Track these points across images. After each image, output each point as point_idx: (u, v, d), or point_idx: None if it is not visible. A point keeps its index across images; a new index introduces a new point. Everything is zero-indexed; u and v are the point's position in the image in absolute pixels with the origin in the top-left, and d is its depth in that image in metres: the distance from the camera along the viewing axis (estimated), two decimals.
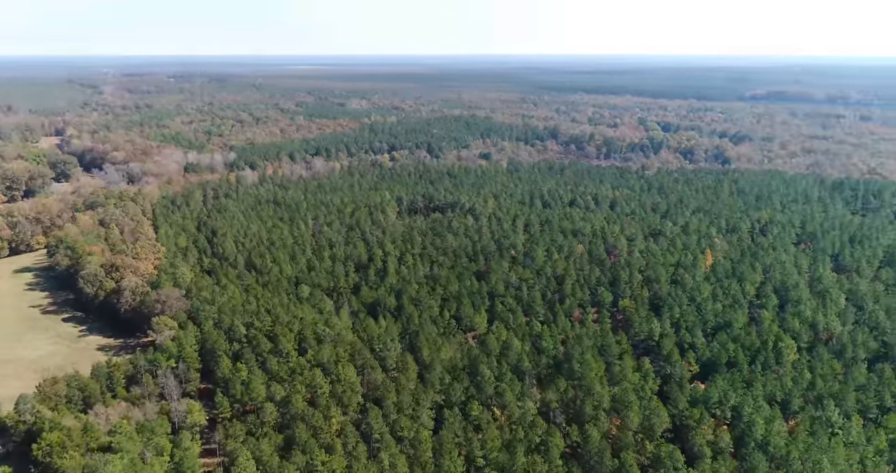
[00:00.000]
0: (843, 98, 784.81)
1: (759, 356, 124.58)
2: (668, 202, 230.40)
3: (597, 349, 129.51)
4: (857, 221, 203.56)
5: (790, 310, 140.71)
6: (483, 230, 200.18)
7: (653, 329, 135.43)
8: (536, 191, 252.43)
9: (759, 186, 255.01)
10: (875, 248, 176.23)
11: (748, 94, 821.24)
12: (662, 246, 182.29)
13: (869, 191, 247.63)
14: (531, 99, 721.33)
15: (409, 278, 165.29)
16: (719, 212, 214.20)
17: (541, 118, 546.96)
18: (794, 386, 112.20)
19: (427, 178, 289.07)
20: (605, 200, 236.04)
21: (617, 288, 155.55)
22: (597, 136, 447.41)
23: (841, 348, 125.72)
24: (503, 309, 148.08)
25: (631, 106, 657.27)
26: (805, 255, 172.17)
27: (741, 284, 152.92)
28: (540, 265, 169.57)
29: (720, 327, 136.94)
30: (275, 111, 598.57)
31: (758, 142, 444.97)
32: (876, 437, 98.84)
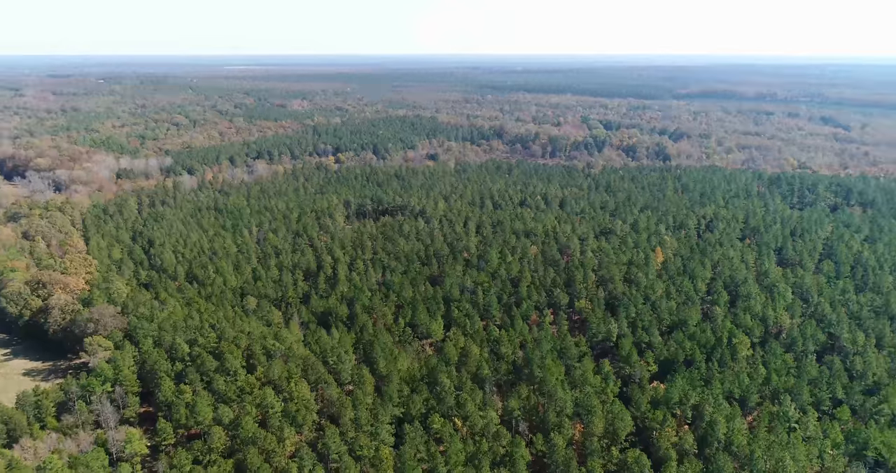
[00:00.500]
0: (770, 96, 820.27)
1: (714, 352, 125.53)
2: (616, 200, 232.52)
3: (556, 352, 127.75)
4: (796, 215, 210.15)
5: (741, 306, 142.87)
6: (435, 233, 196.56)
7: (610, 329, 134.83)
8: (486, 191, 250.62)
9: (702, 183, 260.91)
10: (815, 241, 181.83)
11: (683, 92, 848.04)
12: (614, 244, 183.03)
13: (804, 185, 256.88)
14: (475, 98, 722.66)
15: (360, 285, 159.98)
16: (666, 209, 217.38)
17: (486, 118, 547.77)
18: (750, 382, 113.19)
19: (375, 181, 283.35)
20: (555, 200, 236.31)
21: (572, 288, 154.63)
22: (541, 135, 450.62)
23: (791, 341, 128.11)
24: (459, 314, 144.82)
25: (573, 105, 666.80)
26: (751, 250, 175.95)
27: (693, 281, 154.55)
28: (494, 268, 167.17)
29: (676, 325, 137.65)
30: (213, 113, 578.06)
31: (695, 138, 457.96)
32: (831, 430, 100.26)
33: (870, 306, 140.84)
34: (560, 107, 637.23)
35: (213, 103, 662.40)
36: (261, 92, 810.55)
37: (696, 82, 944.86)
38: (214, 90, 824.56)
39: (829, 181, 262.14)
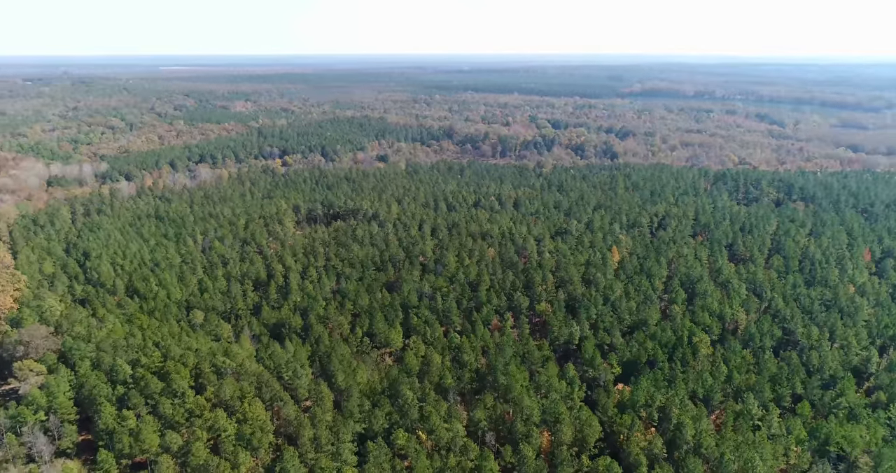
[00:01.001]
0: (709, 94, 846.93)
1: (676, 352, 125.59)
2: (569, 199, 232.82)
3: (519, 358, 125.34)
4: (744, 211, 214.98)
5: (698, 303, 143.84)
6: (389, 237, 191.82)
7: (572, 332, 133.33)
8: (439, 193, 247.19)
9: (651, 180, 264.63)
10: (763, 236, 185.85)
11: (626, 92, 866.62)
12: (570, 244, 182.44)
13: (748, 181, 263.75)
14: (423, 99, 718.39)
15: (314, 294, 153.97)
16: (619, 207, 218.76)
17: (435, 118, 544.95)
18: (713, 381, 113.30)
19: (324, 184, 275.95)
20: (509, 200, 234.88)
21: (532, 291, 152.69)
22: (491, 135, 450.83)
23: (749, 338, 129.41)
24: (418, 321, 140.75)
25: (520, 104, 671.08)
26: (703, 247, 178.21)
27: (650, 280, 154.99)
28: (452, 272, 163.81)
29: (636, 325, 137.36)
30: (151, 116, 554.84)
31: (641, 136, 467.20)
32: (794, 427, 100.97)
33: (820, 300, 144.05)
34: (508, 107, 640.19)
35: (150, 105, 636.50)
36: (202, 93, 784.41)
37: (639, 81, 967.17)
38: (152, 92, 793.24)
39: (772, 177, 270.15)
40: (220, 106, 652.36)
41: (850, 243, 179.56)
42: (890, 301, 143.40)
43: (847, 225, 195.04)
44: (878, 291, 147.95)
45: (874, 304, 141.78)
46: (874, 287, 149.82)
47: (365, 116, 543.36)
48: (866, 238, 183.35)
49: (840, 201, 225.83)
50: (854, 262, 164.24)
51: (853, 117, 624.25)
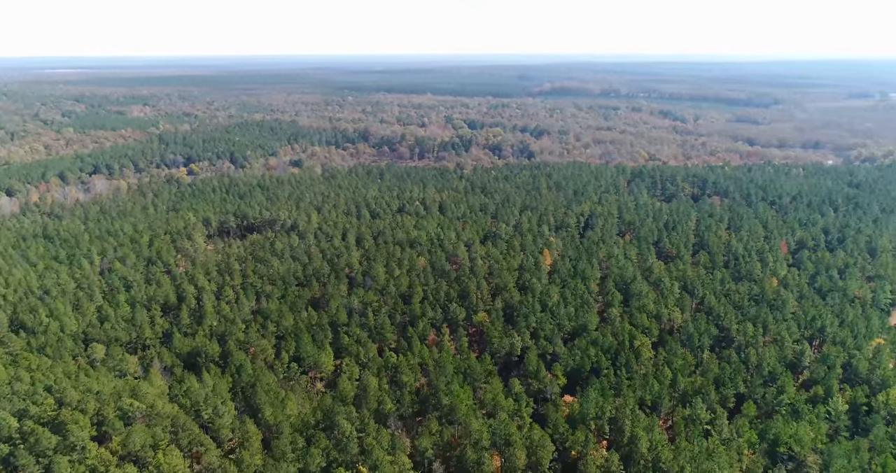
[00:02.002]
0: (614, 92, 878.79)
1: (619, 357, 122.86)
2: (494, 202, 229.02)
3: (461, 375, 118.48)
4: (665, 208, 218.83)
5: (635, 305, 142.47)
6: (311, 249, 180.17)
7: (514, 343, 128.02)
8: (361, 199, 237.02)
9: (572, 179, 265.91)
10: (686, 233, 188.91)
11: (536, 91, 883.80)
12: (501, 249, 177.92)
13: (664, 177, 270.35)
14: (335, 100, 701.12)
15: (232, 317, 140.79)
16: (545, 208, 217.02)
17: (349, 120, 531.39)
18: (660, 387, 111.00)
19: (236, 193, 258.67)
20: (434, 204, 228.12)
21: (468, 301, 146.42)
22: (408, 137, 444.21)
23: (687, 338, 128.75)
24: (350, 341, 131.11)
25: (434, 105, 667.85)
26: (632, 246, 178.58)
27: (585, 283, 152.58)
28: (382, 284, 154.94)
29: (576, 332, 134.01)
30: (35, 123, 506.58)
31: (555, 135, 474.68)
32: (743, 429, 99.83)
33: (748, 294, 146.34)
34: (423, 108, 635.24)
35: (34, 111, 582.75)
36: (93, 98, 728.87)
37: (548, 81, 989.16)
38: (35, 97, 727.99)
39: (685, 172, 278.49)
40: (114, 111, 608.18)
41: (767, 236, 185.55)
42: (812, 292, 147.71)
43: (761, 218, 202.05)
44: (800, 283, 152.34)
45: (798, 296, 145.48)
46: (795, 279, 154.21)
47: (275, 119, 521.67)
48: (780, 230, 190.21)
49: (751, 194, 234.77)
50: (774, 255, 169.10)
51: (746, 112, 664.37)
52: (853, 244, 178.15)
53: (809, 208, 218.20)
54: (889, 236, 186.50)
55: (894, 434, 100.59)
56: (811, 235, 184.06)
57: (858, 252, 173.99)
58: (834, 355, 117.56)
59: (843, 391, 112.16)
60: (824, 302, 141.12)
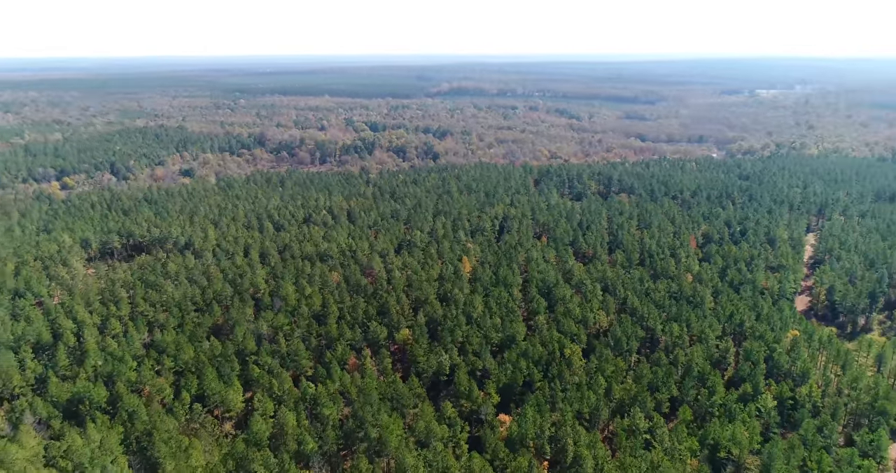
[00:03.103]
0: (511, 91, 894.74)
1: (550, 368, 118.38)
2: (406, 207, 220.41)
3: (388, 401, 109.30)
4: (577, 207, 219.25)
5: (559, 310, 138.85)
6: (210, 269, 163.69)
7: (441, 361, 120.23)
8: (262, 210, 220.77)
9: (482, 181, 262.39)
10: (601, 231, 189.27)
11: (435, 91, 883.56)
12: (418, 258, 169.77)
13: (570, 175, 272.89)
14: (226, 104, 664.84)
15: (120, 353, 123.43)
16: (458, 212, 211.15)
17: (242, 124, 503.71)
18: (596, 398, 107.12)
19: (119, 209, 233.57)
20: (342, 213, 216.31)
21: (388, 317, 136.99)
22: (308, 141, 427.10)
23: (616, 342, 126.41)
24: (260, 371, 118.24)
25: (333, 107, 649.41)
26: (550, 248, 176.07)
27: (508, 290, 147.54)
28: (293, 304, 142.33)
29: (505, 343, 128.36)
30: None
31: (458, 135, 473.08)
32: (681, 435, 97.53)
33: (667, 292, 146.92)
34: (321, 110, 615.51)
35: None
36: None
37: (446, 81, 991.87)
38: None
39: (591, 170, 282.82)
40: None
41: (676, 231, 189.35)
42: (726, 286, 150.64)
43: (668, 213, 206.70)
44: (713, 277, 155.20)
45: (713, 291, 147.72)
46: (708, 273, 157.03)
47: (161, 126, 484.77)
48: (687, 225, 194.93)
49: (655, 190, 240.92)
50: (685, 250, 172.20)
51: (634, 109, 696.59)
52: (754, 236, 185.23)
53: (710, 202, 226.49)
54: (784, 226, 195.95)
55: (821, 426, 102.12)
56: (716, 229, 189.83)
57: (760, 243, 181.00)
58: (756, 350, 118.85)
59: (768, 386, 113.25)
60: (739, 296, 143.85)
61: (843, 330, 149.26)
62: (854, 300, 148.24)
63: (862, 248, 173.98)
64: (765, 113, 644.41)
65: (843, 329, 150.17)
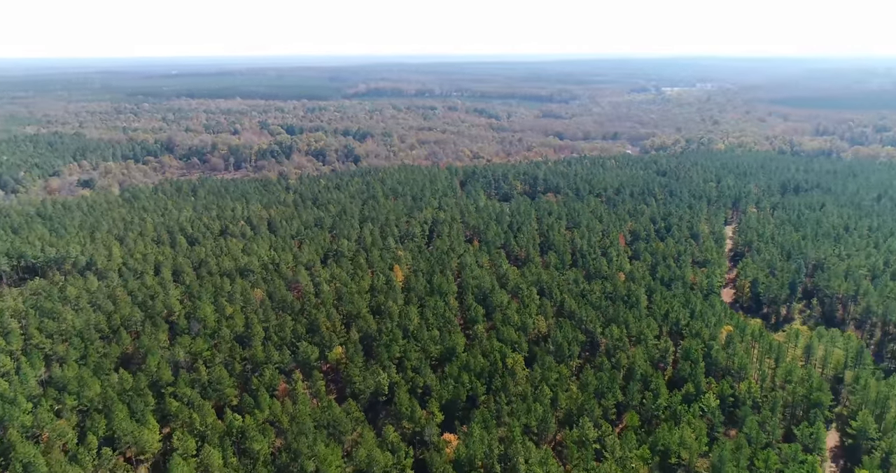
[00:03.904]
0: (429, 91, 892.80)
1: (493, 380, 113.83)
2: (330, 214, 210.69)
3: (324, 429, 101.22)
4: (506, 208, 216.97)
5: (498, 318, 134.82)
6: (116, 292, 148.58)
7: (379, 381, 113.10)
8: (173, 222, 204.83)
9: (408, 184, 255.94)
10: (531, 233, 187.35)
11: (352, 92, 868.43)
12: (347, 269, 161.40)
13: (496, 176, 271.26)
14: (129, 108, 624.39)
15: (11, 394, 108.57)
16: (385, 218, 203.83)
17: (148, 130, 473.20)
18: (542, 409, 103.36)
19: (8, 226, 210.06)
20: (262, 222, 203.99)
21: (318, 335, 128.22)
22: (220, 146, 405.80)
23: (557, 347, 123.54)
24: (179, 405, 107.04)
25: (245, 110, 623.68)
26: (482, 253, 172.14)
27: (444, 299, 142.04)
28: (212, 327, 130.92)
29: (445, 356, 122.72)
30: None
31: (379, 137, 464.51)
32: (630, 442, 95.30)
33: (603, 292, 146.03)
34: (233, 113, 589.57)
35: None
36: None
37: (363, 81, 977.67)
38: None
39: (516, 170, 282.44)
40: None
41: (605, 230, 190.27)
42: (658, 284, 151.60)
43: (595, 212, 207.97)
44: (644, 275, 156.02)
45: (647, 290, 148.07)
46: (640, 271, 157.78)
47: (55, 133, 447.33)
48: (614, 223, 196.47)
49: (580, 189, 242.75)
50: (616, 249, 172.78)
51: (550, 108, 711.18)
52: (679, 231, 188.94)
53: (633, 199, 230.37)
54: (705, 221, 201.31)
55: (762, 422, 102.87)
56: (642, 226, 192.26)
57: (685, 238, 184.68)
58: (694, 349, 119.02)
59: (710, 385, 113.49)
60: (672, 294, 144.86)
61: (767, 321, 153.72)
62: (777, 291, 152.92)
63: (779, 240, 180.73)
64: (672, 110, 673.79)
65: (767, 320, 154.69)
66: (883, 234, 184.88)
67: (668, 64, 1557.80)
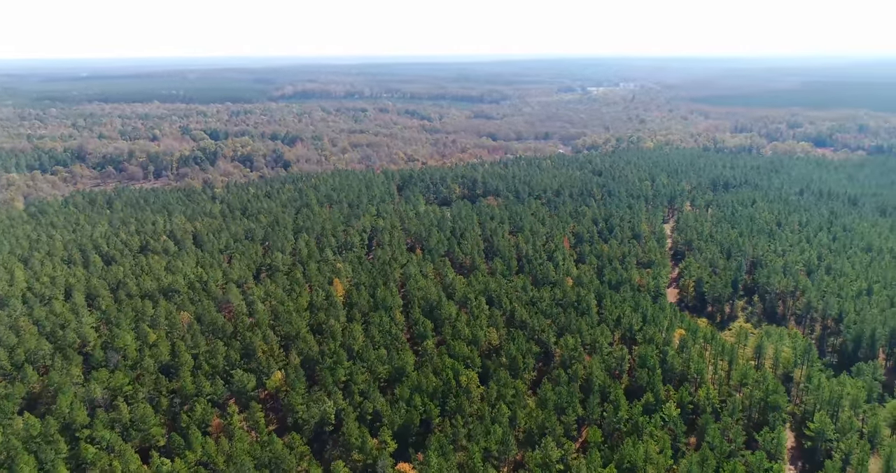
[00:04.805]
0: (358, 93, 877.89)
1: (448, 401, 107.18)
2: (261, 225, 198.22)
3: (264, 468, 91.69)
4: (447, 214, 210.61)
5: (447, 332, 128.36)
6: (20, 322, 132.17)
7: (324, 409, 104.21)
8: (86, 240, 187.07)
9: (343, 190, 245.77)
10: (475, 239, 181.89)
11: (278, 94, 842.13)
12: (282, 284, 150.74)
13: (433, 180, 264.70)
14: (34, 114, 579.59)
15: None
16: (322, 227, 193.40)
17: (56, 137, 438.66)
18: (501, 430, 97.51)
19: None
20: (187, 236, 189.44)
21: (254, 361, 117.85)
22: (138, 153, 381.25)
23: (511, 360, 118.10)
24: (96, 451, 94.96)
25: (165, 114, 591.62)
26: (426, 262, 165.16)
27: (389, 314, 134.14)
28: (133, 357, 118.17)
29: (394, 377, 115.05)
30: None
31: (309, 141, 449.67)
32: (595, 462, 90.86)
33: (553, 299, 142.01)
34: (151, 118, 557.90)
35: None
36: None
37: (290, 83, 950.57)
38: None
39: (453, 173, 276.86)
40: None
41: (549, 233, 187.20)
42: (607, 288, 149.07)
43: (537, 214, 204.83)
44: (592, 279, 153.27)
45: (596, 295, 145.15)
46: (588, 275, 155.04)
47: None
48: (557, 226, 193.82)
49: (519, 191, 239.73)
50: (561, 253, 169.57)
51: (481, 109, 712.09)
52: (621, 232, 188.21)
53: (573, 200, 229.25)
54: (645, 220, 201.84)
55: (724, 429, 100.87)
56: (585, 228, 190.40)
57: (627, 239, 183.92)
58: (650, 356, 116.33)
59: (668, 392, 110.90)
60: (621, 298, 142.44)
61: (712, 320, 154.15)
62: (721, 290, 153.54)
63: (718, 238, 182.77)
64: (599, 109, 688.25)
65: (712, 318, 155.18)
66: (812, 229, 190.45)
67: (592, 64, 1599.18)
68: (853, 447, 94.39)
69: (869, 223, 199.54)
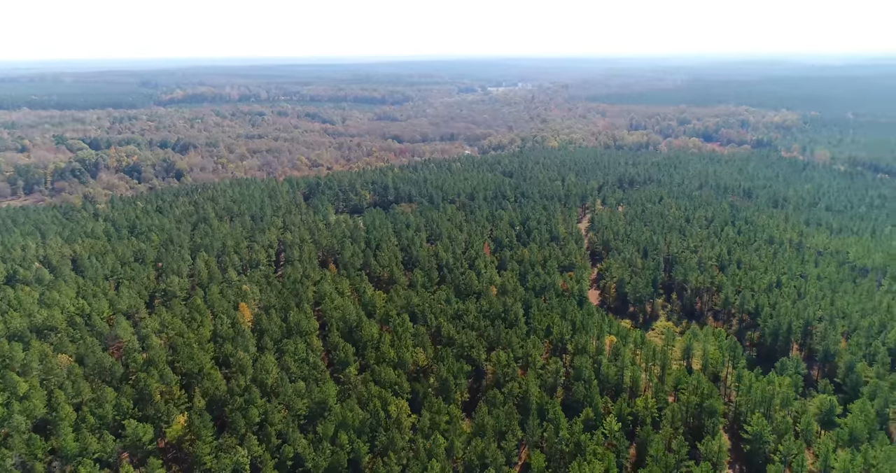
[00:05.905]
0: (255, 96, 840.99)
1: (378, 435, 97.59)
2: (153, 245, 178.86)
3: None
4: (360, 224, 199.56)
5: (370, 356, 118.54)
6: None
7: (238, 460, 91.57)
8: None
9: (243, 201, 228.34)
10: (392, 250, 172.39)
11: (167, 98, 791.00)
12: (180, 313, 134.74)
13: (342, 187, 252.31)
14: None
15: None
16: (222, 244, 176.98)
17: None
18: (439, 465, 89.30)
19: None
20: (64, 262, 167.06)
21: (151, 406, 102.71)
22: (4, 166, 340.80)
23: (442, 383, 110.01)
24: None
25: (35, 122, 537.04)
26: (341, 277, 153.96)
27: (305, 339, 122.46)
28: (2, 416, 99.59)
29: (315, 413, 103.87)
30: None
31: (203, 148, 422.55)
32: None
33: (479, 311, 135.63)
34: (19, 127, 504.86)
35: None
36: None
37: (178, 86, 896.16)
38: None
39: (362, 179, 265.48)
40: None
41: (467, 240, 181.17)
42: (532, 295, 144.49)
43: (454, 220, 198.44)
44: (516, 287, 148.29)
45: (523, 304, 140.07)
46: (511, 283, 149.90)
47: None
48: (475, 232, 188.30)
49: (433, 196, 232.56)
50: (482, 260, 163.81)
51: (384, 110, 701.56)
52: (539, 235, 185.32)
53: (488, 203, 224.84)
54: (561, 221, 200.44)
55: (667, 440, 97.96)
56: (503, 232, 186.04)
57: (546, 242, 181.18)
58: (584, 367, 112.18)
59: (606, 405, 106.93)
60: (548, 306, 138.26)
61: (635, 321, 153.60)
62: (643, 289, 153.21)
63: (633, 237, 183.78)
64: (501, 109, 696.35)
65: (635, 319, 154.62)
66: (719, 223, 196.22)
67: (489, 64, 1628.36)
68: (791, 448, 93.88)
69: (766, 215, 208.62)
